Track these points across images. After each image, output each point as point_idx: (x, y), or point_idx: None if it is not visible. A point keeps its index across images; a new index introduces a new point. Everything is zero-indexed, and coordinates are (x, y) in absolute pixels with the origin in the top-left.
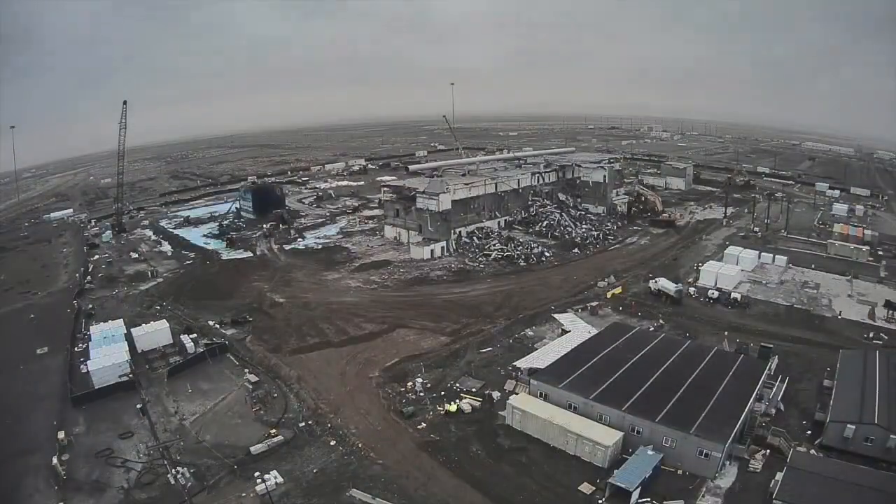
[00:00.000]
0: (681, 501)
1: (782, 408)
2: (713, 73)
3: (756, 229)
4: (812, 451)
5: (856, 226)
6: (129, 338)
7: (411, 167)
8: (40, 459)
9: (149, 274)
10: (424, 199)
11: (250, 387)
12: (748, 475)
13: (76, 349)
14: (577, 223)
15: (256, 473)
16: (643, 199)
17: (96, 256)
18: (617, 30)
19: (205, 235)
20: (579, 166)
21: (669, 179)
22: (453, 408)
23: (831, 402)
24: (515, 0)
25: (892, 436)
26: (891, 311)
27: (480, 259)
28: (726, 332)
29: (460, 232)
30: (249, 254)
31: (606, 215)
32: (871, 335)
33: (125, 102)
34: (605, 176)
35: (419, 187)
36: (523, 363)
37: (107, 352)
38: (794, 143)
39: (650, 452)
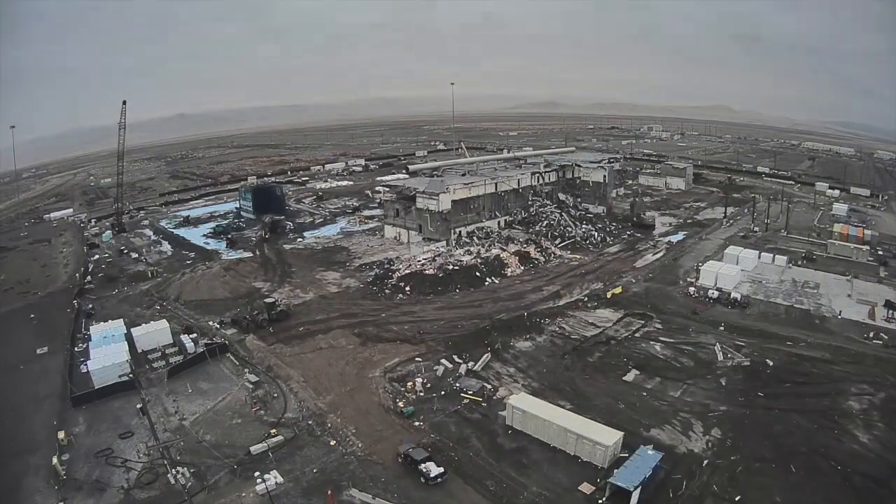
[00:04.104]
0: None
1: None
2: None
3: (756, 229)
4: None
5: (856, 226)
6: (129, 338)
7: (411, 167)
8: (40, 459)
9: (149, 274)
10: (424, 198)
11: (250, 387)
12: None
13: (76, 349)
14: (577, 223)
15: (256, 473)
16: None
17: (96, 256)
18: None
19: (205, 235)
20: (579, 166)
21: (669, 179)
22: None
23: None
24: None
25: None
26: (890, 311)
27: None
28: (718, 345)
29: (460, 232)
30: (250, 254)
31: (606, 215)
32: (870, 335)
33: (125, 102)
34: (605, 176)
35: (419, 187)
36: None
37: (107, 352)
38: (793, 143)
39: (650, 452)
